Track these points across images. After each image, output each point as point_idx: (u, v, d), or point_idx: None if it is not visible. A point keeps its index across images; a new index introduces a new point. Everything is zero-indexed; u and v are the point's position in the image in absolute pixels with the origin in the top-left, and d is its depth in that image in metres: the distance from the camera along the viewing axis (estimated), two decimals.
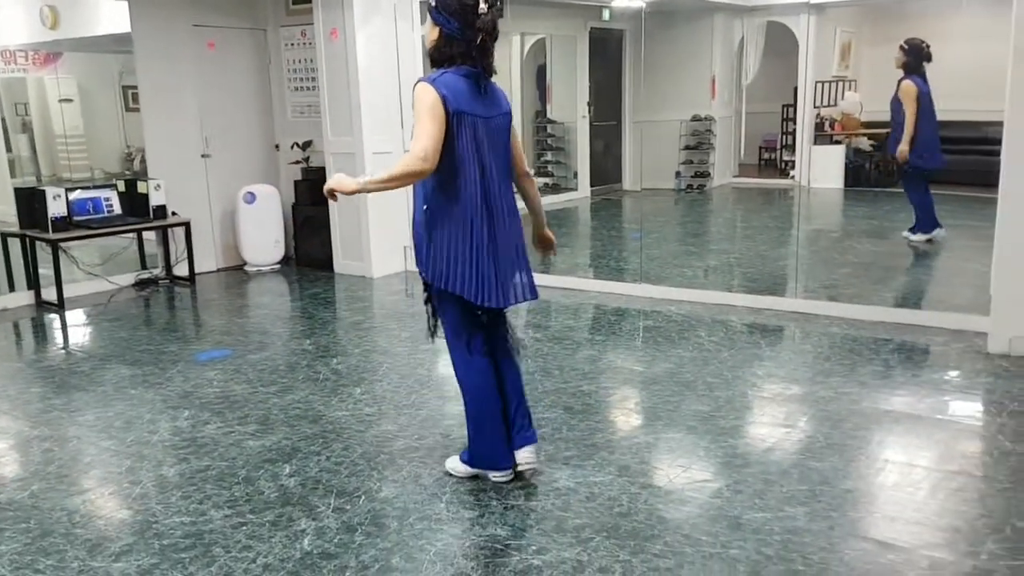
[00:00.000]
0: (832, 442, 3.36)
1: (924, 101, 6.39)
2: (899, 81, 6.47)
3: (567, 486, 3.05)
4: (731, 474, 3.12)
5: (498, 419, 3.04)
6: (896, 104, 6.50)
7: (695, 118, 9.44)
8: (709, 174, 9.58)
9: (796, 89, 8.19)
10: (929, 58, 6.40)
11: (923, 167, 6.50)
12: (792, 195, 8.79)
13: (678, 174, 9.60)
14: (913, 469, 3.16)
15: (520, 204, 3.05)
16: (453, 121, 2.75)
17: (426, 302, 3.09)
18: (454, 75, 2.79)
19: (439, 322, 3.08)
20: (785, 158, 9.43)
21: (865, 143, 7.87)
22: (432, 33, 2.84)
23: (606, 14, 9.13)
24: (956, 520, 2.76)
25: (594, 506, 2.90)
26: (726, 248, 8.01)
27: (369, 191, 2.80)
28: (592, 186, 10.08)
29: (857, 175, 7.92)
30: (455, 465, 3.19)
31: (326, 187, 2.80)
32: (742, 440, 3.47)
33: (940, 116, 6.47)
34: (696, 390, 4.00)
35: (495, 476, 3.10)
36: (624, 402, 4.02)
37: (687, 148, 9.54)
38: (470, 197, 2.82)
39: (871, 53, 8.19)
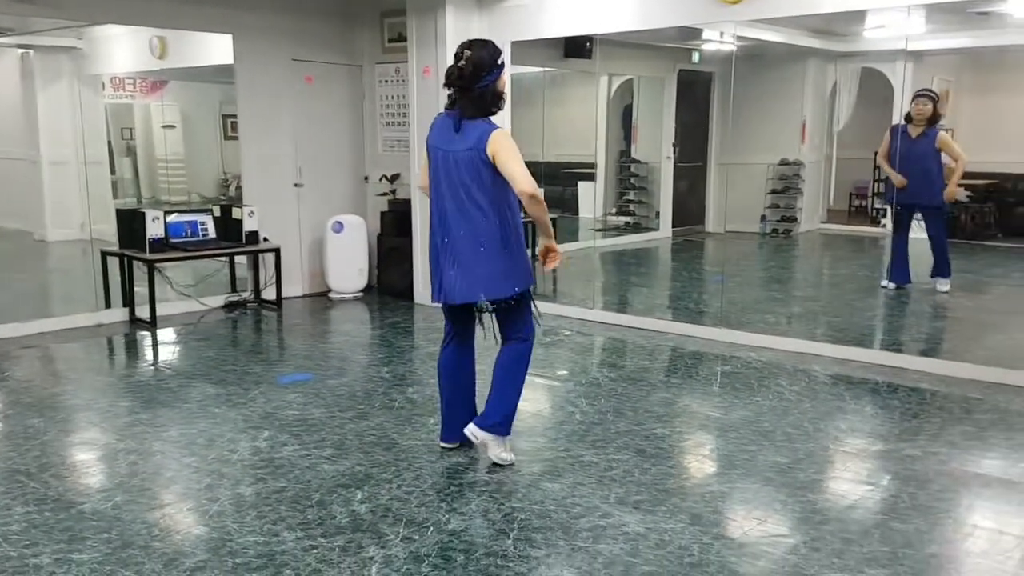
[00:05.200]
0: (917, 503, 3.22)
1: None
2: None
3: (637, 531, 2.99)
4: (809, 531, 3.01)
5: None
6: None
7: (783, 162, 9.28)
8: (796, 219, 9.37)
9: None
10: None
11: None
12: (883, 244, 8.51)
13: (763, 218, 9.42)
14: (1003, 537, 2.98)
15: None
16: None
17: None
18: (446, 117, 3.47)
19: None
20: (876, 206, 9.14)
21: (962, 194, 7.58)
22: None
23: (696, 57, 9.13)
24: None
25: (663, 554, 2.84)
26: (811, 295, 7.81)
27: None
28: (674, 227, 9.98)
29: (953, 227, 7.61)
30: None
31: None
32: (822, 496, 3.35)
33: None
34: (775, 440, 3.88)
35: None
36: (699, 448, 3.93)
37: (774, 192, 9.37)
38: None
39: (971, 103, 7.92)
